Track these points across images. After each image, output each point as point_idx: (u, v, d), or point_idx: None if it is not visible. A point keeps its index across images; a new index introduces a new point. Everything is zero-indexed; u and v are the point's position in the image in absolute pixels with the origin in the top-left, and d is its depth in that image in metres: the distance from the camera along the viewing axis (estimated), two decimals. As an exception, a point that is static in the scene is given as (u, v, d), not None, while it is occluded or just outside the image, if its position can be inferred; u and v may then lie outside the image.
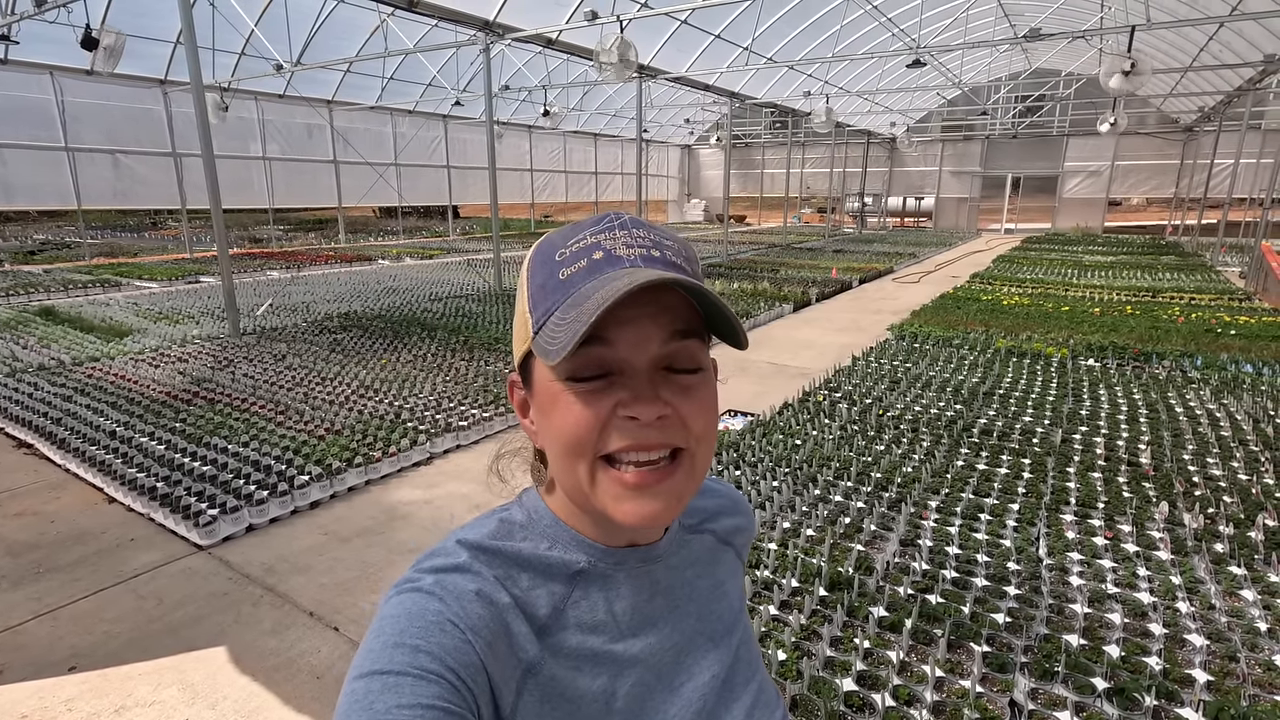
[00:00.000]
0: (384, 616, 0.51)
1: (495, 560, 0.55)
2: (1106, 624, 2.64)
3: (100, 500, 3.82)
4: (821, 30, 15.67)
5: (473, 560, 0.54)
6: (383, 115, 18.57)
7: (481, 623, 0.51)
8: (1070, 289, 11.30)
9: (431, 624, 0.49)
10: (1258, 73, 13.72)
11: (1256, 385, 5.78)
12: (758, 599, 2.80)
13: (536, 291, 0.53)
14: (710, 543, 0.69)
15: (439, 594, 0.51)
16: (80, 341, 7.02)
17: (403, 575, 0.55)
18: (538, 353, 0.52)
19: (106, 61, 8.11)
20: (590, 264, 0.51)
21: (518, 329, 0.57)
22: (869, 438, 4.58)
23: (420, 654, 0.47)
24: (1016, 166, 25.77)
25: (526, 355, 0.56)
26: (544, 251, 0.55)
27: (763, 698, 0.65)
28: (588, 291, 0.50)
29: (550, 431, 0.54)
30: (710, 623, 0.64)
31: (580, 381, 0.52)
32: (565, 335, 0.48)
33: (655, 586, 0.61)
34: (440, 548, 0.56)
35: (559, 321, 0.50)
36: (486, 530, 0.58)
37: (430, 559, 0.55)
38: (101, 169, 13.82)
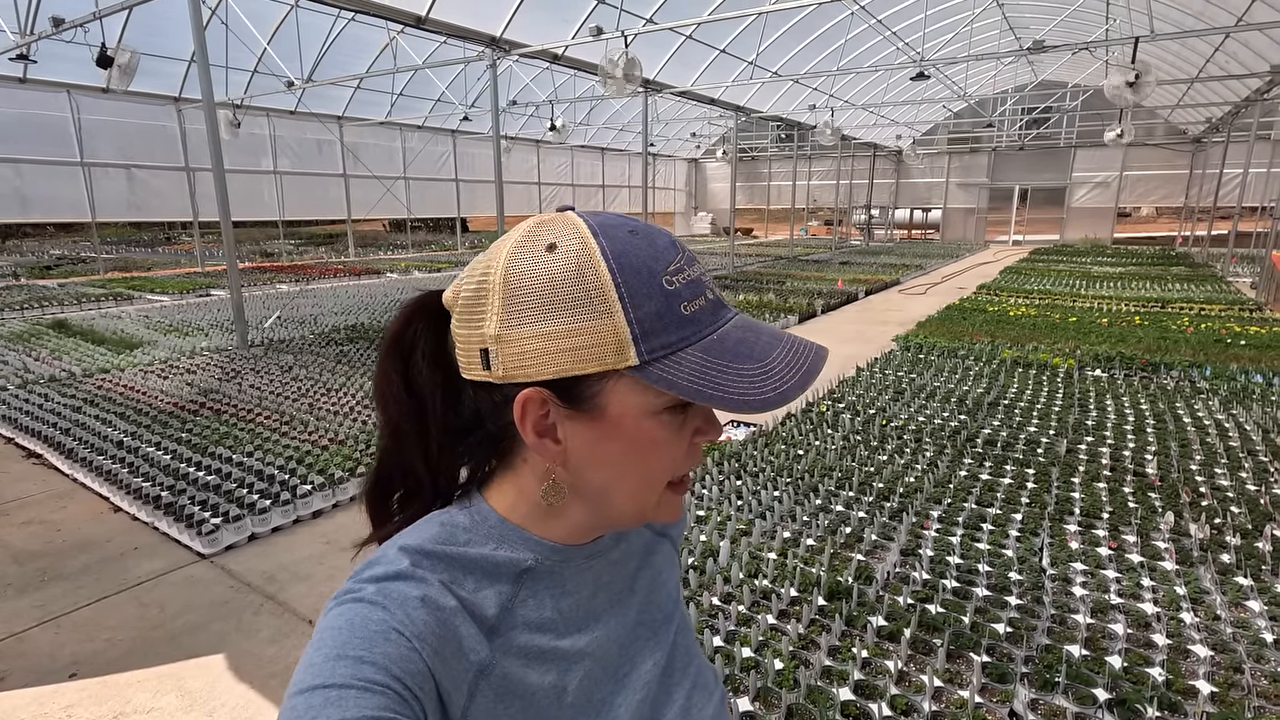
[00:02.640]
0: (324, 629, 0.49)
1: (439, 564, 0.54)
2: (1109, 634, 2.61)
3: (106, 509, 3.86)
4: (826, 44, 15.78)
5: (415, 566, 0.53)
6: (392, 130, 18.81)
7: (427, 629, 0.49)
8: (1078, 300, 11.24)
9: (375, 634, 0.48)
10: (1265, 83, 13.68)
11: (1266, 395, 5.72)
12: (756, 608, 2.79)
13: (648, 319, 0.50)
14: (648, 535, 0.70)
15: (382, 602, 0.50)
16: (91, 354, 7.11)
17: (342, 586, 0.53)
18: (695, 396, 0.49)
19: (121, 79, 8.28)
20: (708, 304, 0.52)
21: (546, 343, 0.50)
22: (872, 448, 4.57)
23: (364, 665, 0.46)
24: (1024, 178, 25.74)
25: (588, 377, 0.51)
26: (638, 269, 0.50)
27: (701, 680, 0.67)
28: (754, 341, 0.52)
29: (628, 461, 0.54)
30: (650, 613, 0.66)
31: (677, 411, 0.53)
32: (769, 387, 0.49)
33: (599, 581, 0.62)
34: (381, 555, 0.54)
35: (736, 369, 0.50)
36: (429, 534, 0.56)
37: (371, 568, 0.53)
38: (116, 182, 14.07)
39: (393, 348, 0.58)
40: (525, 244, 0.52)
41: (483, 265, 0.53)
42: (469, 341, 0.53)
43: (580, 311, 0.50)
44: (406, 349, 0.58)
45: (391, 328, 0.59)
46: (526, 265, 0.51)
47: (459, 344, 0.55)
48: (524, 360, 0.51)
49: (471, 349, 0.53)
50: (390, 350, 0.58)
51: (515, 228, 0.55)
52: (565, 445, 0.54)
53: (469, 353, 0.54)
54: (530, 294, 0.50)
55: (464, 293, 0.54)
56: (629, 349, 0.49)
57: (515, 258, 0.51)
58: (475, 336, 0.53)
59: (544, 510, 0.58)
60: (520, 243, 0.52)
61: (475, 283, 0.53)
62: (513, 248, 0.52)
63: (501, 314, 0.51)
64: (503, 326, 0.51)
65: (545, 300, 0.50)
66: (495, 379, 0.53)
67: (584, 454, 0.54)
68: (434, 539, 0.55)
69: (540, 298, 0.50)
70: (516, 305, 0.50)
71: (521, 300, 0.50)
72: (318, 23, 12.17)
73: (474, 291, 0.53)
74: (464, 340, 0.54)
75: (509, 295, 0.51)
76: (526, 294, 0.50)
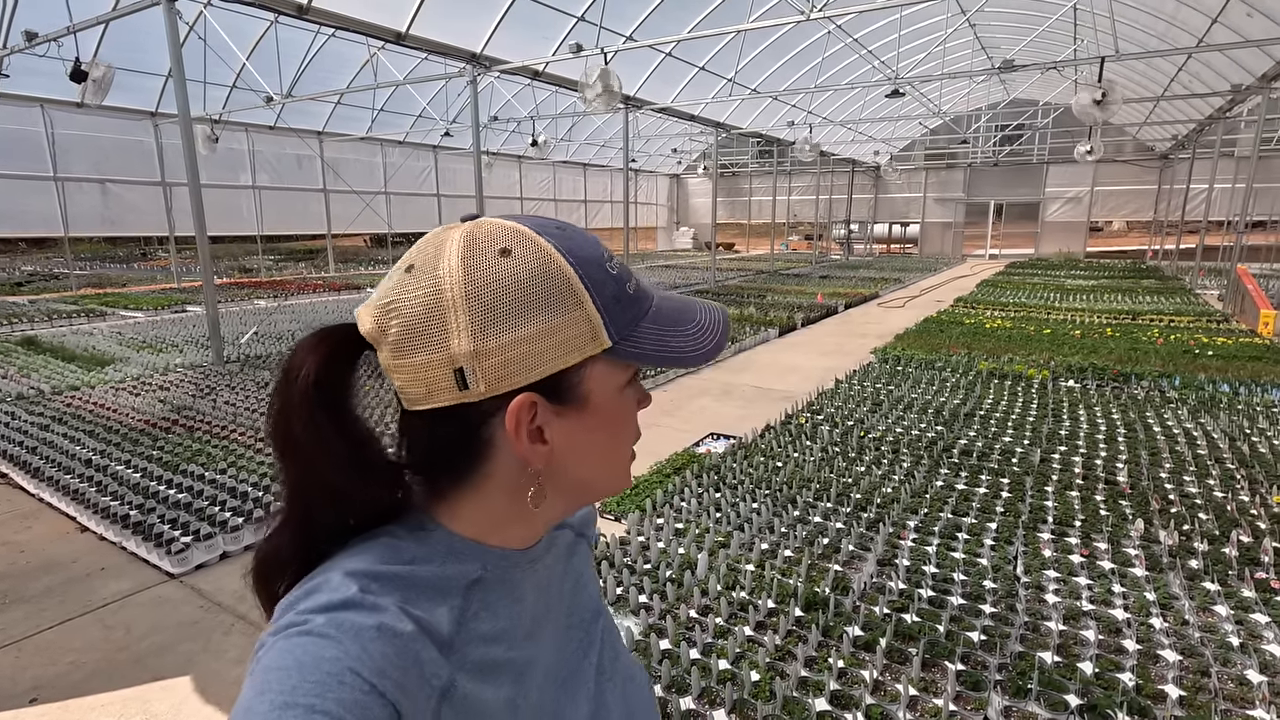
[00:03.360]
0: (269, 668, 0.43)
1: (390, 586, 0.50)
2: (1081, 641, 2.64)
3: (72, 529, 3.77)
4: (804, 62, 16.04)
5: (364, 593, 0.48)
6: (373, 146, 18.76)
7: (387, 662, 0.45)
8: (1052, 312, 11.45)
9: (328, 676, 0.43)
10: (1226, 102, 14.13)
11: (1233, 404, 5.85)
12: (733, 620, 2.79)
13: (610, 302, 0.53)
14: (570, 536, 0.70)
15: (334, 635, 0.45)
16: (61, 371, 6.97)
17: (279, 617, 0.48)
18: (656, 361, 0.55)
19: (95, 94, 8.20)
20: (637, 282, 0.57)
21: (531, 345, 0.51)
22: (849, 459, 4.60)
23: (316, 715, 0.41)
24: (999, 193, 26.23)
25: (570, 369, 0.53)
26: (589, 259, 0.53)
27: (630, 672, 0.68)
28: (682, 306, 0.59)
29: (614, 443, 0.59)
30: (579, 613, 0.67)
31: (632, 383, 0.58)
32: (701, 339, 0.57)
33: (539, 586, 0.62)
34: (323, 582, 0.49)
35: (679, 331, 0.57)
36: (374, 555, 0.52)
37: (314, 596, 0.48)
38: (90, 197, 13.89)
39: (319, 390, 0.51)
40: (474, 255, 0.51)
41: (421, 286, 0.50)
42: (426, 368, 0.50)
43: (555, 307, 0.51)
44: (336, 389, 0.52)
45: (311, 366, 0.51)
46: (488, 274, 0.50)
47: (404, 374, 0.51)
48: (509, 368, 0.50)
49: (433, 374, 0.50)
50: (314, 393, 0.51)
51: (432, 244, 0.53)
52: (552, 445, 0.54)
53: (427, 380, 0.51)
54: (504, 301, 0.50)
55: (403, 318, 0.50)
56: (602, 333, 0.53)
57: (471, 269, 0.50)
58: (437, 360, 0.50)
59: (509, 518, 0.57)
60: (468, 254, 0.51)
61: (420, 305, 0.50)
62: (462, 261, 0.50)
63: (472, 328, 0.49)
64: (478, 340, 0.50)
65: (521, 303, 0.50)
66: (475, 397, 0.51)
67: (570, 447, 0.55)
68: (380, 559, 0.52)
69: (515, 302, 0.50)
70: (490, 315, 0.50)
71: (495, 309, 0.50)
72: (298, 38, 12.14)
73: (421, 314, 0.50)
74: (414, 369, 0.51)
75: (478, 307, 0.50)
76: (499, 301, 0.50)
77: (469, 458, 0.54)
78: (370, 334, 0.52)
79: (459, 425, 0.53)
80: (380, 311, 0.52)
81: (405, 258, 0.54)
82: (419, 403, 0.52)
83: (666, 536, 3.50)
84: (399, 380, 0.52)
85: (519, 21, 11.09)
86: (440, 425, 0.53)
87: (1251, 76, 12.03)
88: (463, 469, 0.55)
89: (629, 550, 3.38)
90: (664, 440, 5.17)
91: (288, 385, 0.51)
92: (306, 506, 0.53)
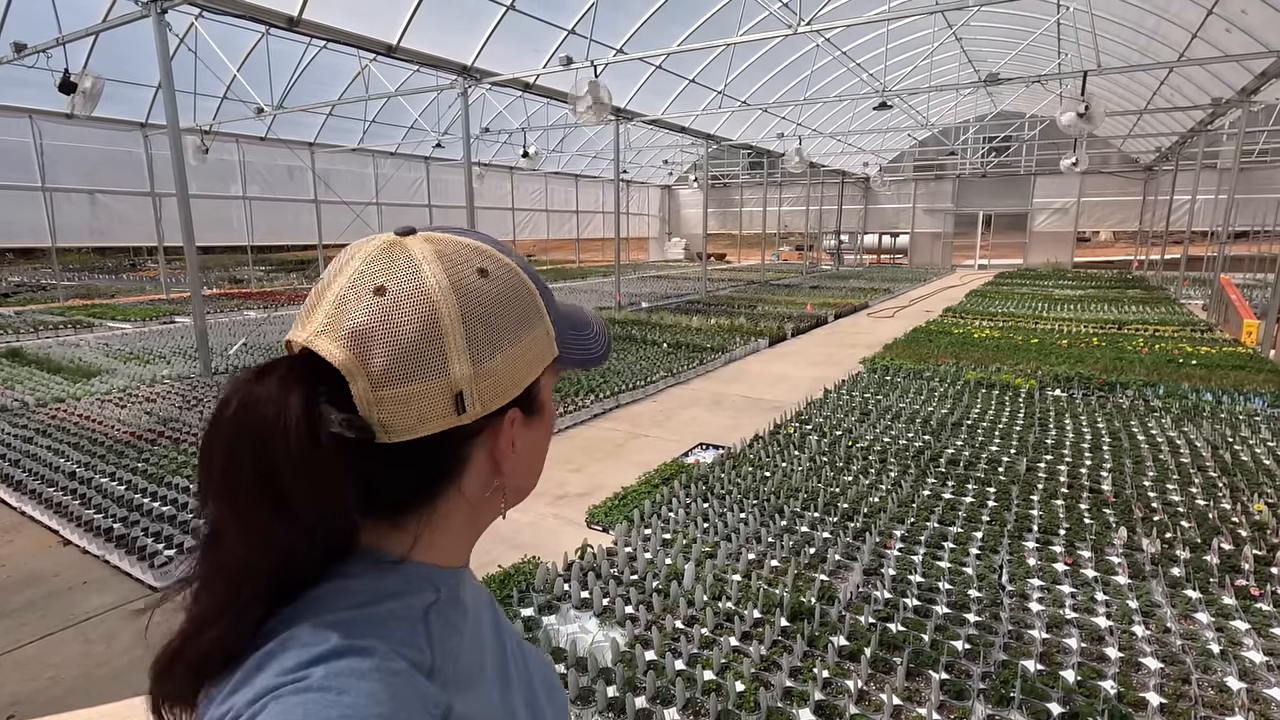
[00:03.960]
0: None
1: (367, 627, 0.47)
2: (1064, 649, 2.66)
3: (55, 543, 3.73)
4: (793, 75, 16.20)
5: (348, 639, 0.45)
6: (365, 157, 18.77)
7: (397, 704, 0.43)
8: (1040, 322, 11.55)
9: None
10: (1207, 115, 14.35)
11: (1216, 413, 5.91)
12: (719, 630, 2.79)
13: (553, 313, 0.58)
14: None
15: (337, 688, 0.42)
16: (46, 383, 6.91)
17: (266, 681, 0.43)
18: (578, 364, 0.61)
19: (84, 105, 8.18)
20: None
21: (517, 362, 0.53)
22: (837, 469, 4.62)
23: None
24: (987, 204, 26.50)
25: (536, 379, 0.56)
26: (535, 274, 0.57)
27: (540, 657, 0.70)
28: (575, 310, 0.63)
29: (548, 438, 0.62)
30: (503, 630, 0.65)
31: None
32: (601, 341, 0.63)
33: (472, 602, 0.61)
34: (294, 638, 0.45)
35: (585, 335, 0.62)
36: (335, 601, 0.48)
37: (290, 653, 0.44)
38: (78, 207, 13.82)
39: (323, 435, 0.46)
40: (458, 274, 0.51)
41: (410, 310, 0.48)
42: (422, 397, 0.48)
43: (530, 323, 0.55)
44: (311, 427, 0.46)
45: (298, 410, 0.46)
46: (479, 295, 0.51)
47: (391, 406, 0.48)
48: (502, 386, 0.52)
49: (428, 402, 0.48)
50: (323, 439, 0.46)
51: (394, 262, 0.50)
52: (518, 453, 0.56)
53: (419, 408, 0.48)
54: (498, 320, 0.52)
55: (393, 346, 0.48)
56: (554, 342, 0.57)
57: (463, 291, 0.50)
58: (436, 386, 0.49)
59: (465, 535, 0.57)
60: (454, 276, 0.50)
61: (414, 330, 0.48)
62: (450, 283, 0.50)
63: (470, 350, 0.50)
64: (476, 362, 0.50)
65: (508, 322, 0.53)
66: (470, 419, 0.50)
67: (525, 453, 0.58)
68: (344, 604, 0.48)
69: (504, 320, 0.52)
70: (489, 335, 0.51)
71: (493, 328, 0.51)
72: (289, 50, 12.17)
73: (416, 340, 0.48)
74: (406, 399, 0.48)
75: (477, 328, 0.50)
76: (491, 322, 0.51)
77: (445, 482, 0.53)
78: (344, 364, 0.47)
79: (440, 451, 0.51)
80: (351, 339, 0.48)
81: (353, 278, 0.50)
82: (405, 433, 0.49)
83: (654, 547, 3.50)
84: (383, 414, 0.48)
85: (510, 34, 11.16)
86: (419, 454, 0.50)
87: (1231, 90, 12.24)
88: (436, 495, 0.53)
89: (616, 561, 3.38)
90: (653, 451, 5.18)
91: (268, 437, 0.45)
92: (278, 567, 0.47)
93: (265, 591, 0.47)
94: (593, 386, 6.68)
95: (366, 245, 0.52)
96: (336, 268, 0.52)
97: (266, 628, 0.47)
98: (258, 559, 0.47)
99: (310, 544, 0.48)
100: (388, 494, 0.52)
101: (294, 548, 0.47)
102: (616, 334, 9.99)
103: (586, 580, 3.16)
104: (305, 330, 0.50)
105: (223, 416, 0.47)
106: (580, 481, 4.62)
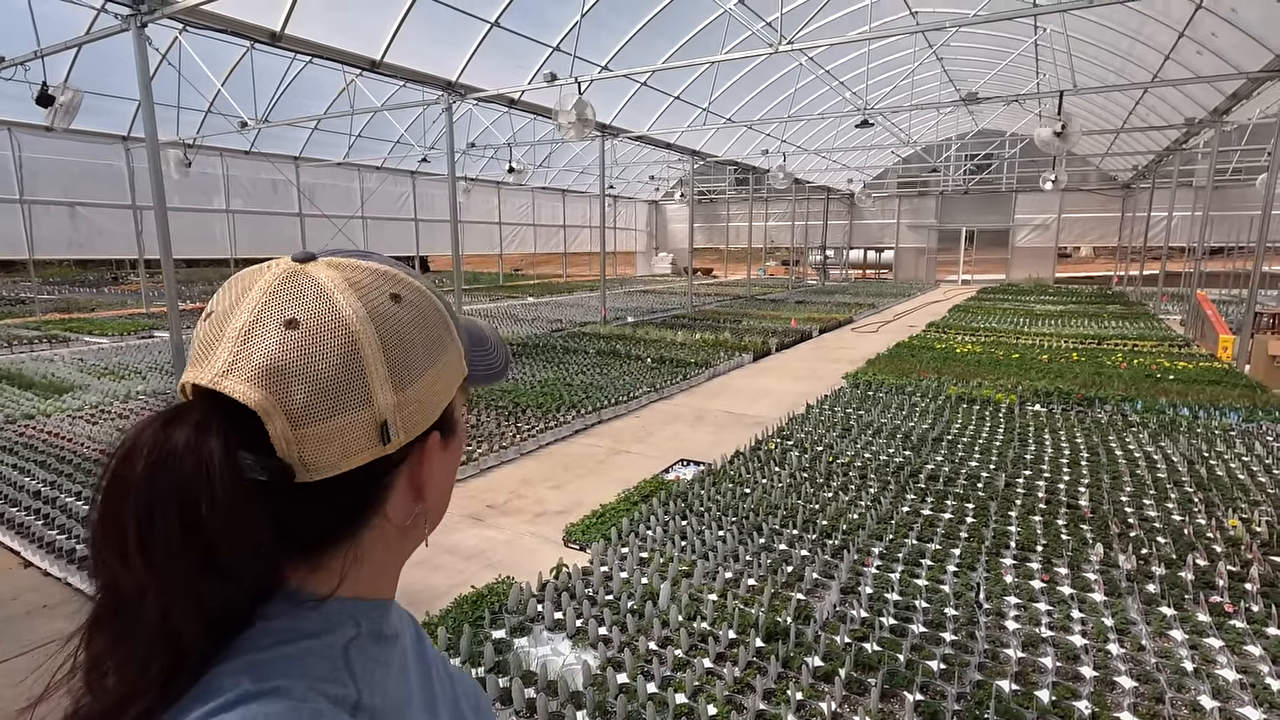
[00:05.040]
0: None
1: (286, 668, 0.45)
2: (1039, 668, 2.64)
3: (15, 565, 3.63)
4: (777, 92, 16.38)
5: (259, 682, 0.43)
6: (350, 171, 18.74)
7: None
8: (1021, 337, 11.66)
9: None
10: (1182, 134, 14.66)
11: (1192, 427, 5.97)
12: (694, 651, 2.75)
13: (462, 332, 0.58)
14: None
15: None
16: (16, 399, 6.78)
17: None
18: (482, 380, 0.60)
19: (63, 118, 8.11)
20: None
21: (436, 386, 0.52)
22: (817, 485, 4.60)
23: None
24: (970, 220, 26.84)
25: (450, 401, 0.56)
26: (443, 296, 0.57)
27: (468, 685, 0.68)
28: (471, 325, 0.62)
29: (458, 457, 0.60)
30: (428, 655, 0.63)
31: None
32: (499, 354, 0.63)
33: (397, 632, 0.59)
34: (206, 689, 0.43)
35: (485, 350, 0.61)
36: (252, 645, 0.47)
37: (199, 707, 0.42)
38: (57, 219, 13.67)
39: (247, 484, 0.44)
40: (372, 301, 0.49)
41: (329, 343, 0.46)
42: (346, 431, 0.47)
43: (444, 345, 0.54)
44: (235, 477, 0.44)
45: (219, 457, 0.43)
46: (395, 321, 0.50)
47: (313, 443, 0.46)
48: (423, 412, 0.52)
49: (352, 435, 0.47)
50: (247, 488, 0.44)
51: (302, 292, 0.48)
52: (435, 477, 0.55)
53: (343, 443, 0.47)
54: (413, 346, 0.51)
55: (313, 381, 0.46)
56: (464, 361, 0.57)
57: (380, 318, 0.49)
58: (361, 419, 0.47)
59: (387, 565, 0.56)
60: (369, 303, 0.49)
61: (334, 363, 0.46)
62: (366, 311, 0.48)
63: (393, 379, 0.49)
64: (400, 391, 0.49)
65: (425, 346, 0.52)
66: (394, 448, 0.49)
67: (443, 474, 0.57)
68: (259, 647, 0.46)
69: (421, 346, 0.52)
70: (404, 362, 0.50)
71: (410, 355, 0.50)
72: (274, 65, 12.15)
73: (338, 373, 0.46)
74: (329, 435, 0.46)
75: (396, 356, 0.49)
76: (410, 347, 0.50)
77: (366, 515, 0.51)
78: (260, 405, 0.45)
79: (361, 484, 0.50)
80: (266, 378, 0.45)
81: (255, 310, 0.47)
82: (329, 470, 0.47)
83: (630, 566, 3.46)
84: (305, 452, 0.46)
85: (494, 50, 11.20)
86: (339, 489, 0.48)
87: (1204, 110, 12.51)
88: (357, 529, 0.51)
89: (591, 580, 3.34)
90: (634, 467, 5.14)
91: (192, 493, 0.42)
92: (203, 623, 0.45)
93: (192, 651, 0.44)
94: (575, 402, 6.65)
95: (262, 275, 0.49)
96: (230, 300, 0.48)
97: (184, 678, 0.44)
98: (184, 619, 0.43)
99: (238, 593, 0.46)
100: (308, 532, 0.50)
101: (223, 600, 0.45)
102: (601, 349, 9.97)
103: (561, 601, 3.11)
104: (207, 371, 0.46)
105: (130, 474, 0.43)
106: (559, 499, 4.57)
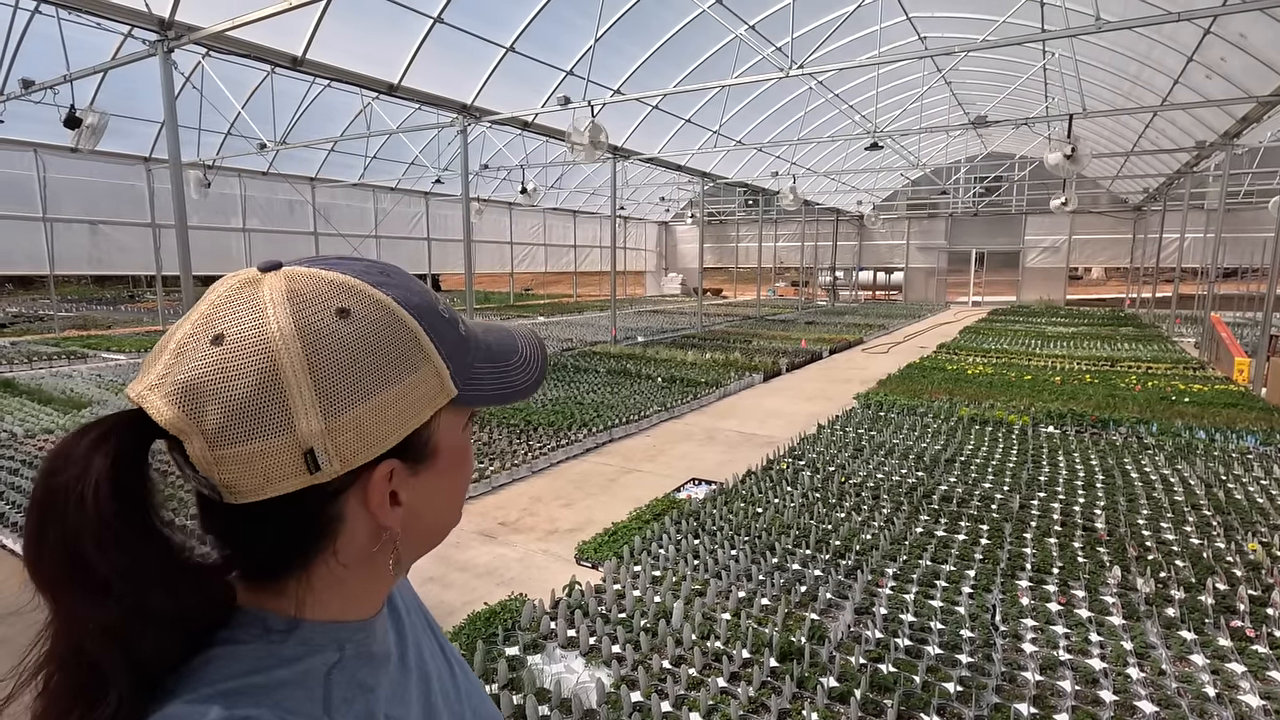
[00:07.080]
0: None
1: (254, 696, 0.44)
2: (1058, 691, 2.61)
3: (34, 577, 3.67)
4: (787, 115, 16.57)
5: (230, 708, 0.42)
6: (365, 192, 19.04)
7: None
8: (1033, 359, 11.60)
9: None
10: (1192, 157, 14.67)
11: (1209, 450, 5.91)
12: (707, 670, 2.74)
13: (451, 349, 0.51)
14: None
15: None
16: (36, 414, 6.88)
17: None
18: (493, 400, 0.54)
19: (89, 140, 8.32)
20: (462, 319, 0.55)
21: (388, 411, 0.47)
22: (830, 505, 4.58)
23: None
24: (980, 242, 26.86)
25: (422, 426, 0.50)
26: (427, 308, 0.51)
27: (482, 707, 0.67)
28: (502, 336, 0.58)
29: (460, 484, 0.56)
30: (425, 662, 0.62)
31: (470, 419, 0.56)
32: (530, 370, 0.57)
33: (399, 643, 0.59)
34: (173, 715, 0.42)
35: (503, 367, 0.55)
36: (218, 671, 0.44)
37: None
38: (78, 236, 14.00)
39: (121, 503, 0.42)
40: (307, 316, 0.45)
41: (245, 361, 0.44)
42: (264, 456, 0.44)
43: (405, 367, 0.48)
44: (139, 497, 0.43)
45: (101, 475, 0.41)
46: (332, 339, 0.45)
47: (231, 467, 0.44)
48: (365, 440, 0.46)
49: (273, 462, 0.44)
50: (116, 508, 0.41)
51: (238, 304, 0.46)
52: (406, 505, 0.51)
53: (264, 469, 0.44)
54: (354, 368, 0.45)
55: (226, 402, 0.43)
56: (449, 383, 0.51)
57: (309, 335, 0.45)
58: (279, 445, 0.44)
59: (362, 589, 0.53)
60: (299, 316, 0.45)
61: (249, 384, 0.43)
62: (295, 325, 0.45)
63: (321, 404, 0.44)
64: (329, 417, 0.44)
65: (371, 369, 0.46)
66: (328, 477, 0.45)
67: (423, 500, 0.52)
68: (228, 674, 0.44)
69: (367, 368, 0.46)
70: (340, 386, 0.45)
71: (345, 378, 0.45)
72: (292, 89, 12.43)
73: (252, 395, 0.43)
74: (247, 459, 0.44)
75: (325, 379, 0.44)
76: (350, 369, 0.45)
77: (316, 541, 0.49)
78: (172, 423, 0.43)
79: (302, 510, 0.47)
80: (181, 395, 0.43)
81: (197, 322, 0.45)
82: (253, 494, 0.44)
83: (643, 584, 3.45)
84: (223, 474, 0.44)
85: (509, 74, 11.42)
86: (278, 514, 0.46)
87: (1214, 133, 12.53)
88: (309, 555, 0.49)
89: (604, 598, 3.33)
90: (645, 486, 5.14)
91: (67, 505, 0.40)
92: (122, 653, 0.42)
93: (117, 681, 0.42)
94: (586, 420, 6.67)
95: (224, 283, 0.47)
96: (192, 309, 0.47)
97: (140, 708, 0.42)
98: (87, 645, 0.41)
99: (151, 618, 0.43)
100: (254, 555, 0.49)
101: (126, 626, 0.42)
102: (611, 368, 10.00)
103: (573, 618, 3.11)
104: (142, 383, 0.45)
105: (36, 485, 0.42)
106: (571, 517, 4.57)
